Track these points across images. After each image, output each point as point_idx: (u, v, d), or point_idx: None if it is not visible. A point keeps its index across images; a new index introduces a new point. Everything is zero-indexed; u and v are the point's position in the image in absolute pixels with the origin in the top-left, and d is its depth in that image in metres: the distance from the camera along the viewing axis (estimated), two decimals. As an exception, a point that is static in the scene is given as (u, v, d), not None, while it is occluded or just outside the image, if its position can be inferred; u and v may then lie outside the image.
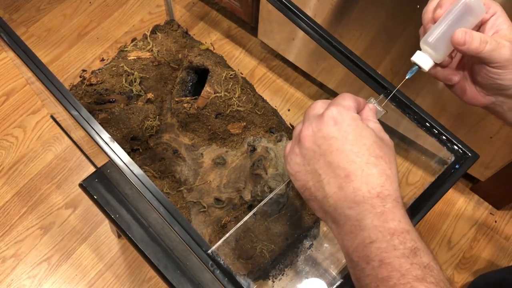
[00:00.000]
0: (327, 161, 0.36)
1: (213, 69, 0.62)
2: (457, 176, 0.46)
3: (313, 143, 0.37)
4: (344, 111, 0.38)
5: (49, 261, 1.06)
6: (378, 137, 0.38)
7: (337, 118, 0.37)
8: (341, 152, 0.36)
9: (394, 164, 0.37)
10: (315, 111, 0.40)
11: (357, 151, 0.36)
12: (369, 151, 0.36)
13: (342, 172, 0.35)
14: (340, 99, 0.39)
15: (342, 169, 0.35)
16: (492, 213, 1.20)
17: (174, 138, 0.64)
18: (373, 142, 0.37)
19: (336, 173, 0.36)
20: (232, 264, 0.51)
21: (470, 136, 1.04)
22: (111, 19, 1.43)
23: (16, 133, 1.22)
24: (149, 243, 0.63)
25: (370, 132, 0.37)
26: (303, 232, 0.54)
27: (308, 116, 0.40)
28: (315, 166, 0.37)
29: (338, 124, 0.37)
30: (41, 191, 1.14)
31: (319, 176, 0.37)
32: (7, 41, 0.46)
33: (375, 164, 0.36)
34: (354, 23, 1.01)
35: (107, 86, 0.61)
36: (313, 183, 0.37)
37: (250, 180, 0.60)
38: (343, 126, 0.37)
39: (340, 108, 0.38)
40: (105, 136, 0.43)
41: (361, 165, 0.35)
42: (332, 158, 0.36)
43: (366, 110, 0.42)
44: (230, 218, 0.60)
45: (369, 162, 0.36)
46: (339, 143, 0.36)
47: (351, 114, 0.38)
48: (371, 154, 0.36)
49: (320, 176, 0.37)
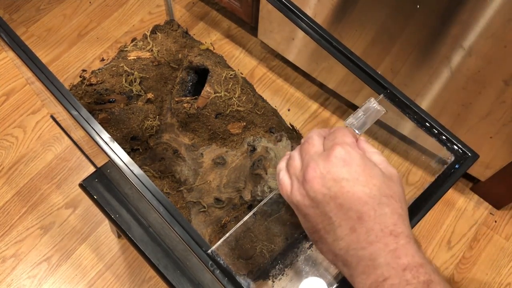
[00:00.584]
0: (338, 204, 0.35)
1: (213, 69, 0.62)
2: (457, 176, 0.46)
3: (322, 186, 0.36)
4: (352, 151, 0.37)
5: (49, 261, 1.06)
6: (386, 175, 0.37)
7: (346, 159, 0.36)
8: (352, 194, 0.35)
9: (404, 202, 0.37)
10: (315, 148, 0.39)
11: (368, 192, 0.35)
12: (379, 191, 0.36)
13: (355, 214, 0.35)
14: (342, 136, 0.39)
15: (355, 211, 0.35)
16: (492, 213, 1.20)
17: (174, 138, 0.64)
18: (382, 183, 0.36)
19: (348, 216, 0.35)
20: (232, 264, 0.51)
21: (470, 136, 1.04)
22: (111, 19, 1.43)
23: (16, 133, 1.22)
24: (149, 243, 0.63)
25: (378, 172, 0.37)
26: (303, 232, 0.54)
27: (309, 155, 0.39)
28: (325, 209, 0.36)
29: (348, 165, 0.36)
30: (41, 191, 1.14)
31: (330, 219, 0.36)
32: (7, 41, 0.46)
33: (387, 204, 0.35)
34: (354, 23, 1.01)
35: (107, 86, 0.61)
36: (323, 225, 0.37)
37: (250, 180, 0.60)
38: (353, 167, 0.36)
39: (347, 148, 0.37)
40: (105, 136, 0.43)
41: (374, 206, 0.35)
42: (344, 200, 0.35)
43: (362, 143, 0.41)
44: (230, 218, 0.60)
45: (381, 203, 0.35)
46: (350, 184, 0.35)
47: (359, 153, 0.37)
48: (382, 194, 0.35)
49: (331, 219, 0.36)
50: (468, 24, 0.82)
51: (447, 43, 0.89)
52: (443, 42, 0.89)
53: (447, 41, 0.88)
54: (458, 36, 0.86)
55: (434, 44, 0.91)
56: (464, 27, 0.83)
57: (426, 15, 0.87)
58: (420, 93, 1.04)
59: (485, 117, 0.97)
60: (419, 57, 0.96)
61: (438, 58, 0.93)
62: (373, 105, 0.46)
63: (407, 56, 0.98)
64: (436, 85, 0.99)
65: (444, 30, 0.87)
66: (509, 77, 0.85)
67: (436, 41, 0.90)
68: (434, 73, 0.97)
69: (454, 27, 0.85)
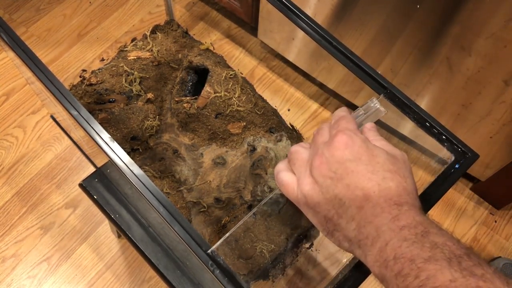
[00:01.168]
0: (345, 184, 0.36)
1: (213, 69, 0.62)
2: (456, 176, 0.45)
3: (328, 170, 0.37)
4: (353, 135, 0.38)
5: (49, 261, 1.06)
6: (389, 154, 0.38)
7: (348, 142, 0.38)
8: (357, 172, 0.36)
9: (410, 178, 0.38)
10: (323, 138, 0.41)
11: (371, 169, 0.36)
12: (383, 168, 0.37)
13: (361, 192, 0.36)
14: (346, 124, 0.40)
15: (360, 189, 0.36)
16: (492, 213, 1.20)
17: (174, 138, 0.64)
18: (385, 160, 0.37)
19: (355, 194, 0.36)
20: (232, 264, 0.51)
21: (470, 136, 1.04)
22: (111, 19, 1.43)
23: (16, 133, 1.22)
24: (149, 243, 0.63)
25: (381, 151, 0.38)
26: (303, 232, 0.54)
27: (317, 145, 0.40)
28: (334, 191, 0.37)
29: (349, 147, 0.37)
30: (41, 191, 1.14)
31: (340, 200, 0.37)
32: (7, 41, 0.46)
33: (391, 178, 0.36)
34: (354, 23, 1.01)
35: (107, 86, 0.61)
36: (335, 210, 0.37)
37: (250, 180, 0.60)
38: (355, 148, 0.37)
39: (349, 133, 0.39)
40: (105, 136, 0.43)
41: (378, 181, 0.36)
42: (349, 180, 0.36)
43: (366, 131, 0.43)
44: (230, 218, 0.60)
45: (385, 177, 0.36)
46: (353, 164, 0.37)
47: (360, 137, 0.39)
48: (385, 170, 0.36)
49: (341, 200, 0.37)
50: (468, 24, 0.82)
51: (447, 43, 0.89)
52: (443, 42, 0.89)
53: (447, 41, 0.88)
54: (458, 36, 0.86)
55: (434, 44, 0.91)
56: (464, 27, 0.83)
57: (426, 15, 0.87)
58: (420, 93, 1.04)
59: (485, 117, 0.97)
60: (419, 57, 0.96)
61: (438, 58, 0.93)
62: (375, 104, 0.46)
63: (407, 56, 0.98)
64: (436, 85, 0.99)
65: (444, 30, 0.87)
66: (509, 77, 0.85)
67: (436, 41, 0.90)
68: (434, 73, 0.97)
69: (454, 27, 0.85)
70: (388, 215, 0.34)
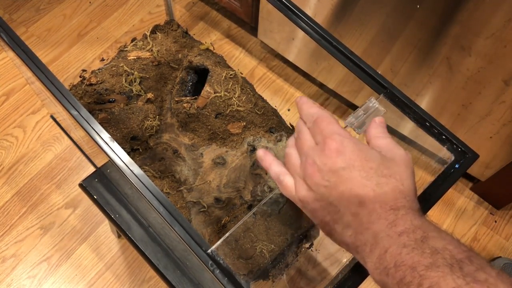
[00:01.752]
0: (340, 192, 0.36)
1: (213, 69, 0.62)
2: (456, 176, 0.45)
3: (322, 179, 0.37)
4: (343, 139, 0.37)
5: (49, 261, 1.06)
6: (385, 157, 0.38)
7: (339, 148, 0.37)
8: (350, 180, 0.36)
9: (408, 179, 0.37)
10: (308, 143, 0.40)
11: (365, 175, 0.36)
12: (377, 173, 0.36)
13: (355, 199, 0.35)
14: (328, 126, 0.39)
15: (354, 196, 0.35)
16: (492, 213, 1.20)
17: (174, 138, 0.64)
18: (379, 164, 0.37)
19: (350, 201, 0.35)
20: (232, 264, 0.51)
21: (470, 136, 1.04)
22: (111, 19, 1.43)
23: (16, 133, 1.22)
24: (149, 243, 0.63)
25: (375, 154, 0.37)
26: (303, 232, 0.54)
27: (304, 151, 0.40)
28: (329, 199, 0.37)
29: (342, 154, 0.37)
30: (41, 191, 1.14)
31: (335, 207, 0.36)
32: (7, 41, 0.46)
33: (386, 183, 0.36)
34: (354, 23, 1.01)
35: (107, 86, 0.61)
36: (331, 216, 0.37)
37: (250, 180, 0.60)
38: (347, 155, 0.37)
39: (337, 138, 0.37)
40: (105, 136, 0.43)
41: (372, 187, 0.35)
42: (344, 187, 0.36)
43: (374, 126, 0.42)
44: (230, 218, 0.60)
45: (380, 183, 0.35)
46: (347, 172, 0.36)
47: (351, 140, 0.37)
48: (379, 175, 0.36)
49: (337, 208, 0.36)
50: (468, 24, 0.82)
51: (447, 43, 0.89)
52: (443, 42, 0.89)
53: (447, 41, 0.88)
54: (458, 36, 0.86)
55: (434, 44, 0.91)
56: (464, 27, 0.83)
57: (426, 15, 0.87)
58: (420, 93, 1.04)
59: (485, 117, 0.97)
60: (419, 57, 0.96)
61: (438, 58, 0.93)
62: (374, 104, 0.46)
63: (407, 56, 0.98)
64: (436, 85, 0.99)
65: (444, 30, 0.87)
66: (509, 77, 0.85)
67: (436, 41, 0.90)
68: (434, 73, 0.97)
69: (454, 27, 0.85)
70: (385, 221, 0.34)
